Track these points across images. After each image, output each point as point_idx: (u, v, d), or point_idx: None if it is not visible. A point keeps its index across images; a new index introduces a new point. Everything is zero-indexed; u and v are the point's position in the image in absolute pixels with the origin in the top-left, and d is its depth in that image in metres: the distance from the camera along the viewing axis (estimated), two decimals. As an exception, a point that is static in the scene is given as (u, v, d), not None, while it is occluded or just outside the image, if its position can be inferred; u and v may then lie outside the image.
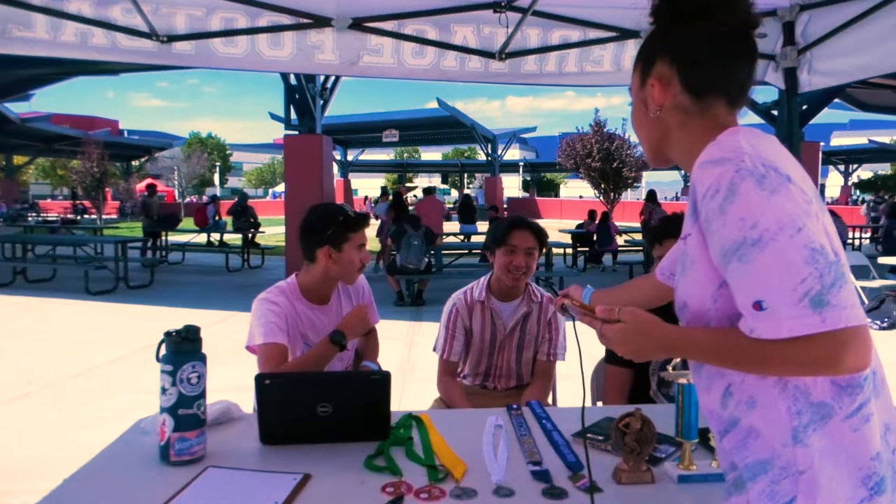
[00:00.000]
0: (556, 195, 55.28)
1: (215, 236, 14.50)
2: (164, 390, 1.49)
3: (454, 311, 2.49)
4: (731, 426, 0.99)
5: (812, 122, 12.30)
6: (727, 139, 0.97)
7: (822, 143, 12.72)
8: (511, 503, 1.34)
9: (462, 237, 15.30)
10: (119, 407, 4.23)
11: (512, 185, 45.29)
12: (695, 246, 0.99)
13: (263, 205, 35.05)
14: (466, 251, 12.01)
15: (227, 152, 59.92)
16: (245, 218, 13.64)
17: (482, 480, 1.42)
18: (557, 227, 17.88)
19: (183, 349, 1.50)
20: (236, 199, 14.55)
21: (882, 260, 8.44)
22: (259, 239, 14.07)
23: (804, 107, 11.89)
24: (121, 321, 7.41)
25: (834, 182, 44.71)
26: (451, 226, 16.35)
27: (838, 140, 49.66)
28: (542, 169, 50.09)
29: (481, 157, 36.06)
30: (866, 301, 7.33)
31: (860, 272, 7.86)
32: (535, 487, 1.41)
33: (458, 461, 1.51)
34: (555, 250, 11.43)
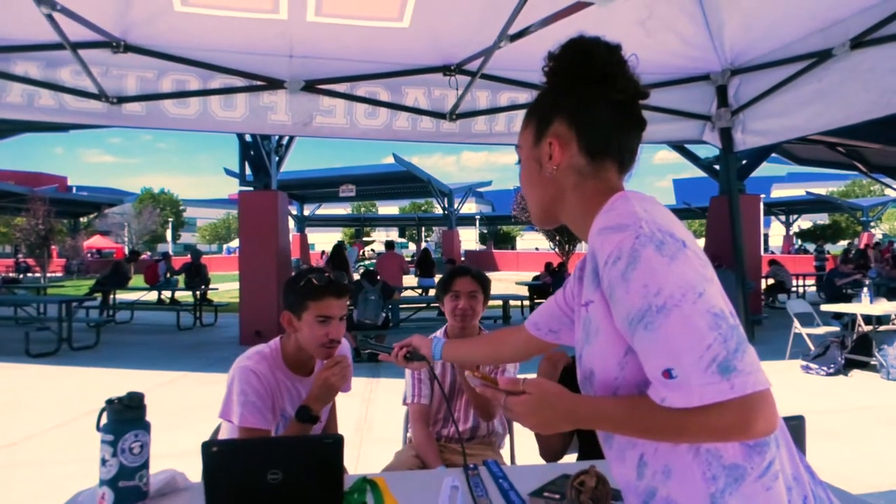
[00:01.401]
0: (513, 248, 55.96)
1: (166, 294, 14.11)
2: (103, 461, 1.43)
3: None
4: (649, 498, 0.97)
5: (753, 174, 12.94)
6: (622, 205, 0.97)
7: (763, 196, 13.32)
8: (466, 569, 1.32)
9: (420, 291, 15.29)
10: (57, 478, 4.00)
11: (469, 238, 45.77)
12: (598, 313, 0.98)
13: (218, 260, 34.45)
14: (424, 305, 11.97)
15: (181, 208, 59.13)
16: (199, 276, 13.36)
17: (436, 546, 1.40)
18: (514, 280, 18.03)
19: (125, 418, 1.45)
20: (189, 258, 14.24)
21: (825, 307, 8.77)
22: (212, 296, 13.74)
23: (744, 161, 12.52)
24: (62, 385, 7.07)
25: (776, 232, 46.64)
26: (410, 279, 16.34)
27: (778, 192, 52.16)
28: (499, 222, 50.89)
29: (438, 210, 36.45)
30: (812, 348, 7.57)
31: (805, 319, 8.13)
32: (490, 551, 1.39)
33: (412, 526, 1.47)
34: (512, 303, 11.51)
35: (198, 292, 12.72)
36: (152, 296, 14.00)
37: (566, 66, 1.06)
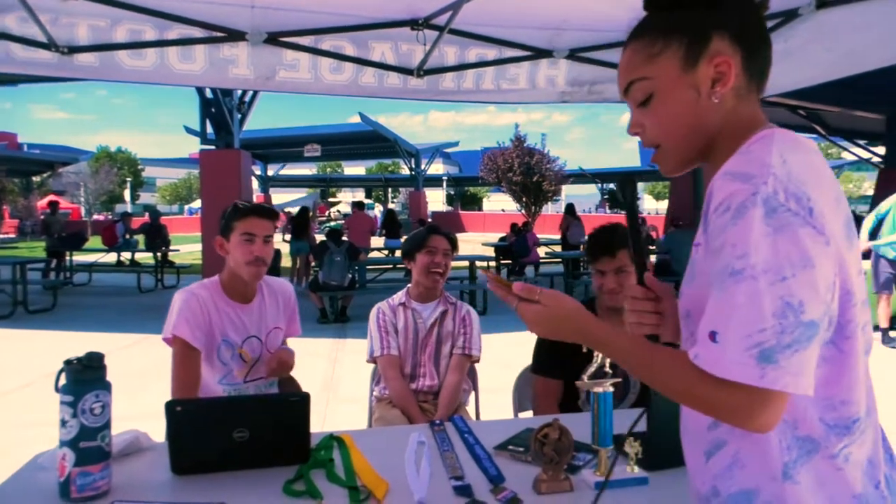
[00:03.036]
0: (480, 209, 56.07)
1: (126, 255, 13.77)
2: (63, 422, 1.40)
3: (381, 314, 2.67)
4: (716, 448, 0.94)
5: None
6: (759, 149, 0.87)
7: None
8: (433, 520, 1.34)
9: (387, 252, 15.26)
10: (14, 442, 3.92)
11: (436, 200, 45.66)
12: (700, 256, 0.93)
13: (179, 221, 33.74)
14: (391, 266, 11.96)
15: (139, 167, 57.42)
16: (159, 237, 13.02)
17: (405, 499, 1.41)
18: (481, 241, 18.11)
19: (85, 378, 1.42)
20: (148, 218, 13.86)
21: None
22: (174, 257, 13.48)
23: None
24: (18, 349, 6.91)
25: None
26: (376, 241, 16.29)
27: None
28: (466, 183, 50.80)
29: (405, 171, 36.16)
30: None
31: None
32: (457, 502, 1.41)
33: (379, 481, 1.49)
34: (478, 263, 11.57)
35: (158, 254, 12.46)
36: (111, 258, 13.66)
37: None
